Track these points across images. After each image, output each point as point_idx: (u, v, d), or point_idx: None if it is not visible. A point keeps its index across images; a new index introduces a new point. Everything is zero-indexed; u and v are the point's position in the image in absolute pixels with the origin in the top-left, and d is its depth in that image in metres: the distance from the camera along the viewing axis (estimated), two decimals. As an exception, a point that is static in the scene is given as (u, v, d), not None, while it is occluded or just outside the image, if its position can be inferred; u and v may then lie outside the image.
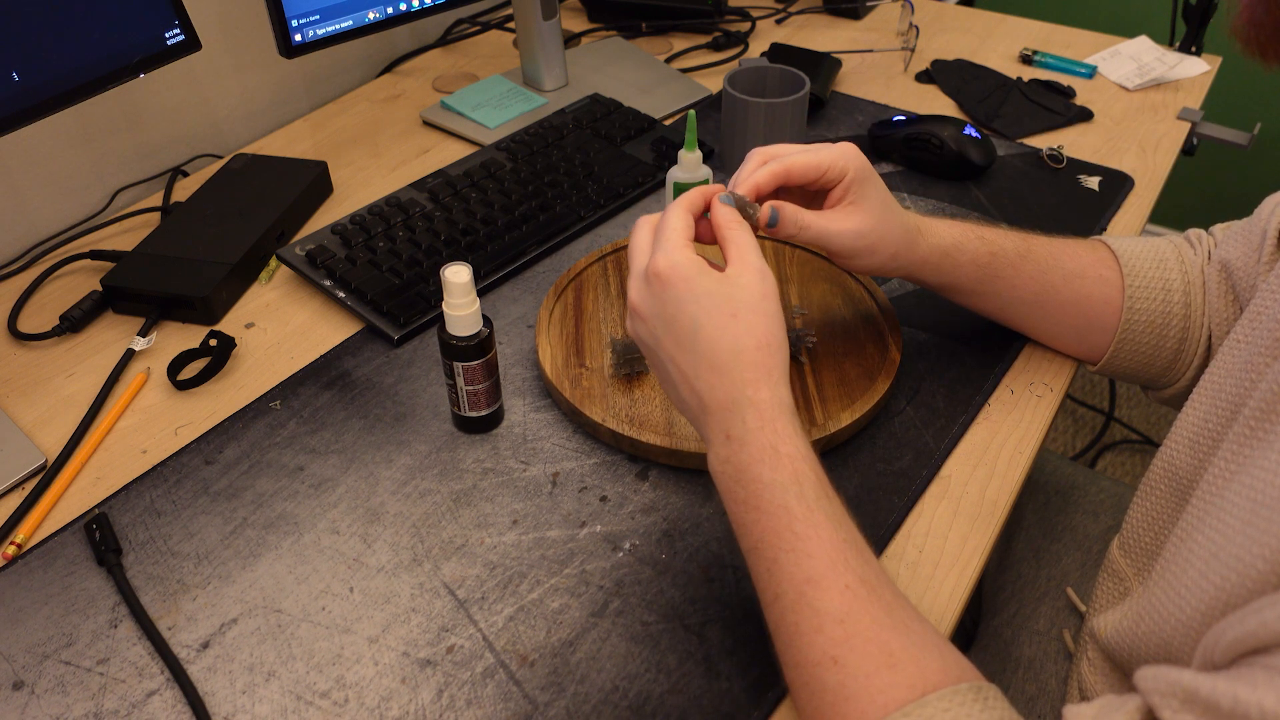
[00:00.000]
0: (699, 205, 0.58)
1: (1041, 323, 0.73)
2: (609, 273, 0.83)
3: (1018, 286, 0.69)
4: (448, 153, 1.06)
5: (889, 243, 0.64)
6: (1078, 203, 0.94)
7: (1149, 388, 0.74)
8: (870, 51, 1.22)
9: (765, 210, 0.60)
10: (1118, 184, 0.96)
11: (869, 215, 0.63)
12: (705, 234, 0.59)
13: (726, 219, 0.57)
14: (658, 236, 0.56)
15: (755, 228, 0.59)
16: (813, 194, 0.65)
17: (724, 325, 0.52)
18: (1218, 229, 0.72)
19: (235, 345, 0.79)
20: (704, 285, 0.53)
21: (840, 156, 0.62)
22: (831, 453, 0.69)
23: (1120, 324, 0.69)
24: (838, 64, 1.15)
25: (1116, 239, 0.72)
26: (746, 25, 1.29)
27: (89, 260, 0.89)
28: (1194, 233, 0.72)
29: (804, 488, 0.49)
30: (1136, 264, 0.69)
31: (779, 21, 1.32)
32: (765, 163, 0.62)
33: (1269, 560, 0.41)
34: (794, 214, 0.61)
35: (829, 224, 0.62)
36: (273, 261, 0.88)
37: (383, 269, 0.83)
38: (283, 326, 0.82)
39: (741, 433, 0.51)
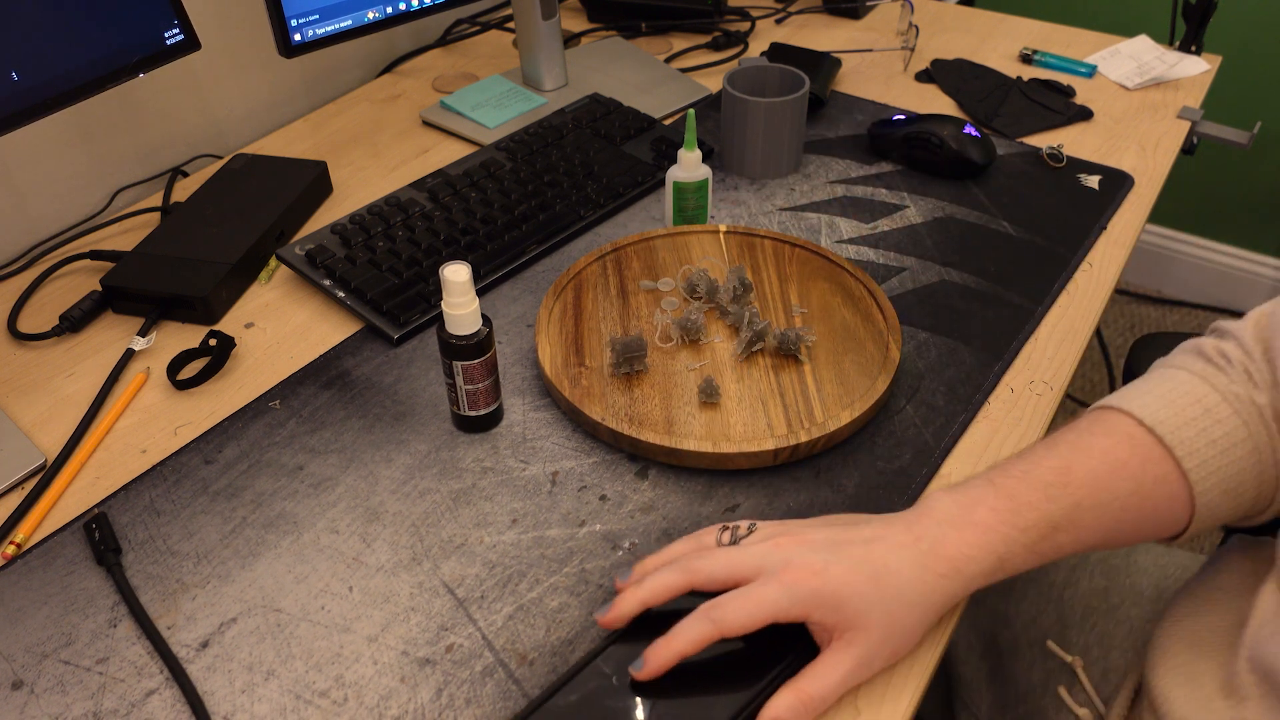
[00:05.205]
0: None
1: (1114, 543, 0.61)
2: (608, 272, 0.83)
3: (1084, 540, 0.58)
4: (447, 153, 1.06)
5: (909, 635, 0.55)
6: (1078, 202, 0.94)
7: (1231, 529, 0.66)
8: (870, 51, 1.22)
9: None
10: (1118, 183, 0.96)
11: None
12: None
13: None
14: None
15: None
16: None
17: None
18: (1244, 332, 0.60)
19: (235, 345, 0.79)
20: None
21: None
22: (831, 451, 0.69)
23: (1195, 509, 0.58)
24: (837, 64, 1.15)
25: (1143, 404, 0.59)
26: (746, 25, 1.29)
27: (89, 260, 0.89)
28: (1211, 348, 0.61)
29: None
30: (1187, 440, 0.57)
31: (779, 21, 1.32)
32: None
33: None
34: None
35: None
36: (272, 261, 0.88)
37: (382, 269, 0.83)
38: (282, 326, 0.82)
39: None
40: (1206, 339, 0.62)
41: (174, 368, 0.77)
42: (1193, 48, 1.18)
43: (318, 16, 0.92)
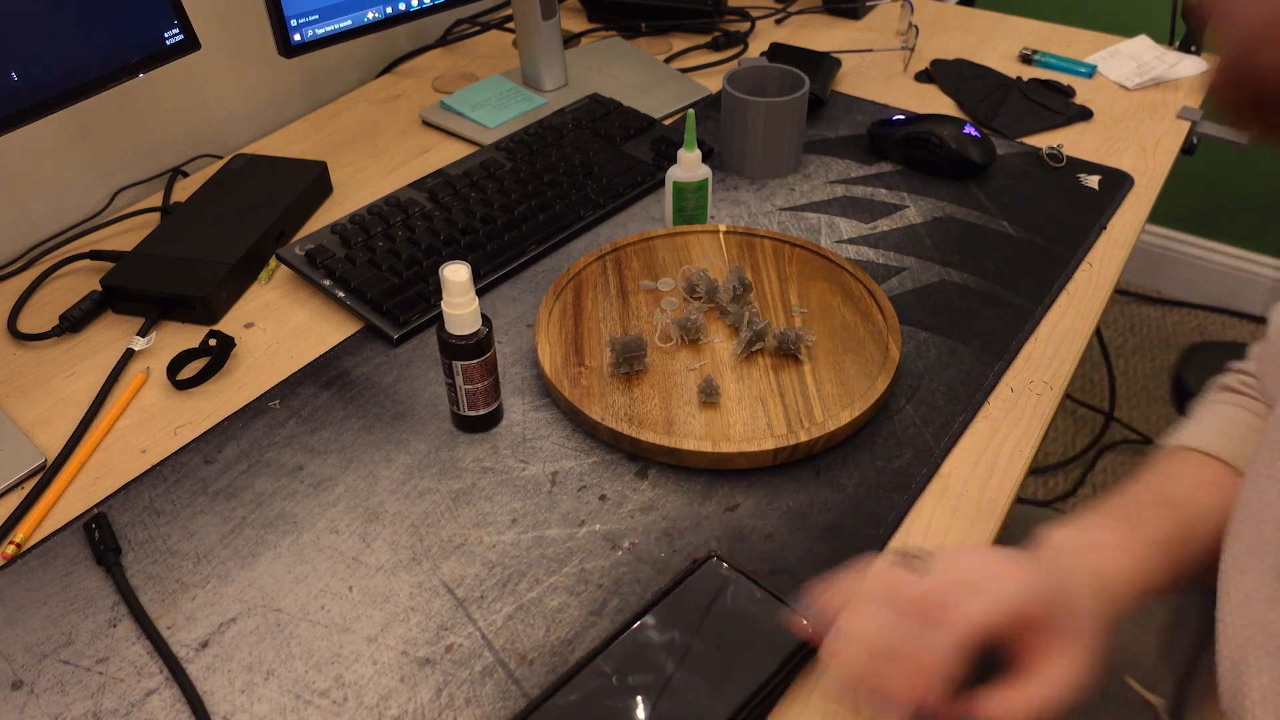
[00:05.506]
0: None
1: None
2: (608, 272, 0.83)
3: (1198, 557, 0.58)
4: (447, 153, 1.06)
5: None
6: (1077, 202, 0.94)
7: None
8: (870, 51, 1.22)
9: None
10: (1117, 183, 0.96)
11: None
12: None
13: None
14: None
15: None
16: None
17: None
18: (1245, 381, 0.66)
19: (235, 345, 0.79)
20: None
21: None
22: (831, 451, 0.69)
23: None
24: (837, 64, 1.15)
25: (1199, 436, 0.62)
26: (746, 25, 1.29)
27: (89, 260, 0.89)
28: (1236, 381, 0.66)
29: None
30: (1246, 459, 0.61)
31: (778, 21, 1.32)
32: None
33: None
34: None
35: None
36: (272, 261, 0.88)
37: (382, 269, 0.83)
38: (282, 326, 0.82)
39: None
40: (1229, 375, 0.67)
41: (174, 368, 0.77)
42: (1193, 48, 1.18)
43: (317, 16, 0.92)
